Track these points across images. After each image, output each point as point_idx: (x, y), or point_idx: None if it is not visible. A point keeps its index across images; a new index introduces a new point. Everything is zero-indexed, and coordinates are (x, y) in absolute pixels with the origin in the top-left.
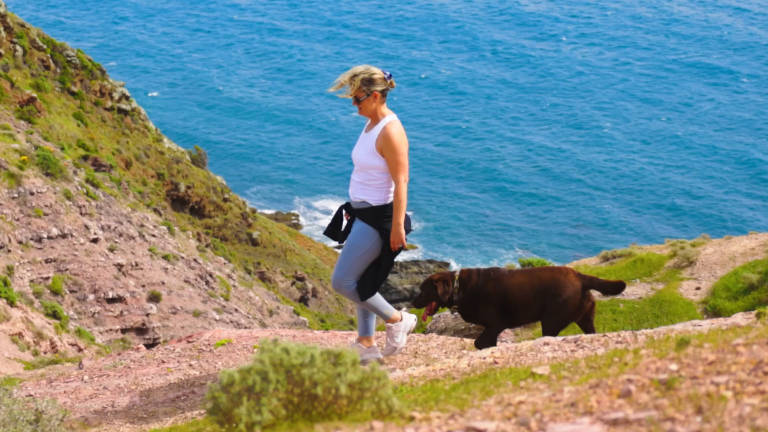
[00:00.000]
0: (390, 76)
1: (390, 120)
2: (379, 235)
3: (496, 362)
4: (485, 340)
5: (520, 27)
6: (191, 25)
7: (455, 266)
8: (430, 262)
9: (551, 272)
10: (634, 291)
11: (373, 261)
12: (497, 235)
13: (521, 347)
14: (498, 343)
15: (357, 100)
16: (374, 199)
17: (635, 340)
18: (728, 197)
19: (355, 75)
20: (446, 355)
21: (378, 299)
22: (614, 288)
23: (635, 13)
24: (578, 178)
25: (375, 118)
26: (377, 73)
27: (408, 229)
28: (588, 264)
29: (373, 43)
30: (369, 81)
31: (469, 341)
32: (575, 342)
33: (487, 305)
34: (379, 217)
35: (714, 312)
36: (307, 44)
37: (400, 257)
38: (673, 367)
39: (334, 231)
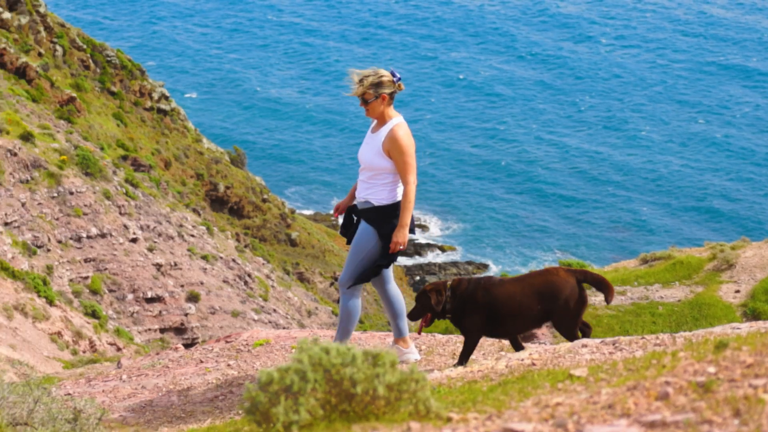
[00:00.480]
0: (399, 79)
1: (397, 122)
2: (380, 235)
3: (534, 364)
4: (465, 354)
5: (558, 29)
6: (228, 25)
7: (494, 268)
8: (469, 263)
9: (543, 276)
10: (674, 294)
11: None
12: (536, 237)
13: (559, 349)
14: (535, 346)
15: (365, 102)
16: (378, 199)
17: (674, 342)
18: None
19: (364, 77)
20: (484, 357)
21: (355, 317)
22: (606, 288)
23: (673, 16)
24: (616, 181)
25: (382, 120)
26: (386, 75)
27: (411, 231)
28: (627, 266)
29: (411, 44)
30: (377, 83)
31: (507, 343)
32: (613, 344)
33: (473, 313)
34: (382, 216)
35: (753, 315)
36: (344, 45)
37: (440, 258)
38: (711, 369)
39: (346, 232)
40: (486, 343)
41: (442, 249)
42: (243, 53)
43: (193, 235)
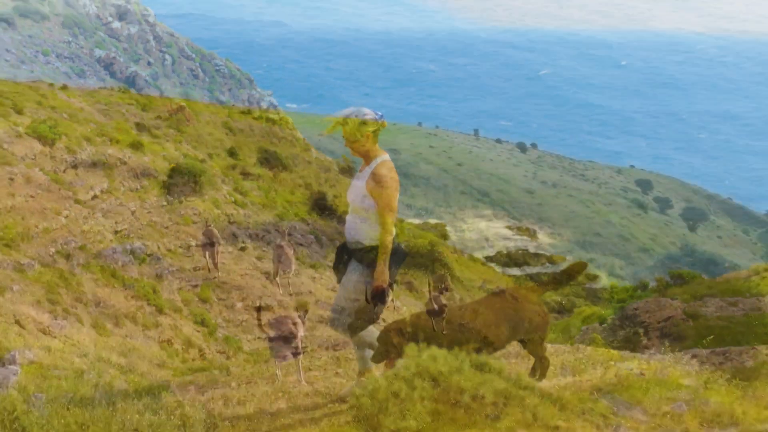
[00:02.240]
0: (381, 117)
1: (381, 160)
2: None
3: (643, 374)
4: None
5: (660, 41)
6: (322, 36)
7: (603, 279)
8: None
9: (500, 297)
10: None
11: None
12: (645, 249)
13: (669, 359)
14: (645, 356)
15: (350, 141)
16: (370, 239)
17: None
18: None
19: (347, 117)
20: (593, 367)
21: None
22: (568, 276)
23: None
24: (721, 192)
25: (367, 159)
26: (368, 113)
27: (392, 281)
28: (739, 276)
29: (507, 56)
30: (361, 122)
31: (616, 352)
32: (723, 354)
33: (441, 345)
34: (373, 256)
35: None
36: (440, 56)
37: (550, 269)
38: None
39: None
40: (595, 353)
41: (551, 260)
42: (338, 63)
43: (301, 244)
